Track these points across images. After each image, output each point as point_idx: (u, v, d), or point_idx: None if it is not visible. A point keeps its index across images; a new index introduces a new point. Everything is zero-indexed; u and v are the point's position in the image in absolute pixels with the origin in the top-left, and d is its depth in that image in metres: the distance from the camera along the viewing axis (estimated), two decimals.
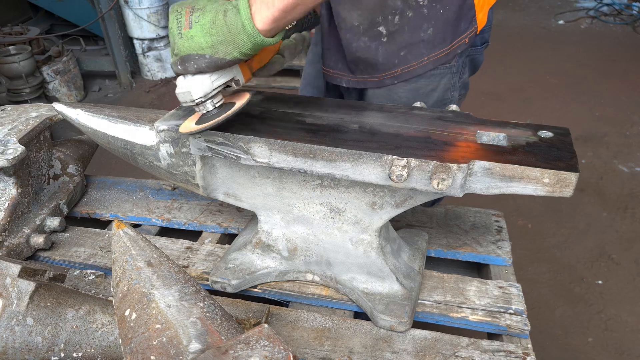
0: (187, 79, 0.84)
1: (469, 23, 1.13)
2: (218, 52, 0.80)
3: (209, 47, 0.80)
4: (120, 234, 0.81)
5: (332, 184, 0.99)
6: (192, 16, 0.80)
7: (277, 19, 0.78)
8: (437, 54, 1.14)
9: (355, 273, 1.06)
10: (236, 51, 0.80)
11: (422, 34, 1.12)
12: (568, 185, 0.82)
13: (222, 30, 0.79)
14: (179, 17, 0.81)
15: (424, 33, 1.12)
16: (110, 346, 0.86)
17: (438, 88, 1.20)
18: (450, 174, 0.82)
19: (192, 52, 0.81)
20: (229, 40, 0.79)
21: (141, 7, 3.99)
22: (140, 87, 4.30)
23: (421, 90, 1.18)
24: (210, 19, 0.79)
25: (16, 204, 1.21)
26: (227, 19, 0.78)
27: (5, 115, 1.32)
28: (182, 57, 0.82)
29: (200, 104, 0.87)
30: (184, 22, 0.81)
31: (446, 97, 1.23)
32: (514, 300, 1.05)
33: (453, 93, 1.24)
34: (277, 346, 0.62)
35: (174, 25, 0.81)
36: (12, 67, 3.47)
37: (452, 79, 1.21)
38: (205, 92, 0.85)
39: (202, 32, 0.79)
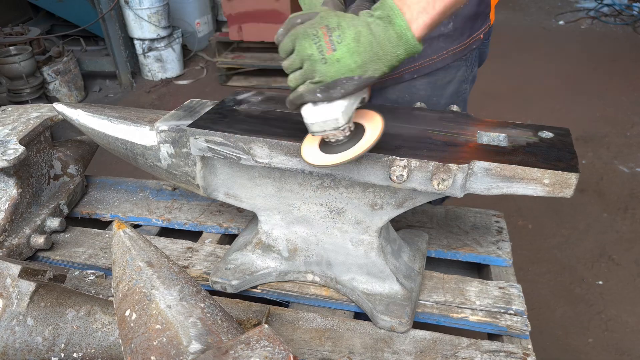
0: (321, 105, 0.76)
1: (484, 19, 1.17)
2: (367, 71, 0.73)
3: (358, 67, 0.73)
4: (120, 234, 0.81)
5: (332, 184, 0.99)
6: (331, 37, 0.72)
7: (435, 22, 0.74)
8: (455, 48, 1.17)
9: (356, 273, 1.06)
10: (386, 66, 0.74)
11: (443, 28, 1.14)
12: (568, 186, 0.82)
13: (372, 46, 0.72)
14: (318, 41, 0.73)
15: (444, 27, 1.14)
16: (111, 346, 0.86)
17: (454, 80, 1.23)
18: (450, 175, 0.82)
19: (340, 76, 0.73)
20: (380, 56, 0.73)
21: (142, 8, 3.99)
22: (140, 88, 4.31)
23: (438, 83, 1.21)
24: (353, 37, 0.72)
25: (16, 204, 1.21)
26: (375, 33, 0.72)
27: (5, 115, 1.32)
28: (328, 84, 0.74)
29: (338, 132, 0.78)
30: (324, 45, 0.72)
31: (461, 90, 1.26)
32: (514, 301, 1.05)
33: (466, 85, 1.26)
34: (278, 346, 0.62)
35: (314, 50, 0.73)
36: (12, 67, 3.48)
37: (466, 72, 1.24)
38: (350, 116, 0.77)
39: (349, 53, 0.72)
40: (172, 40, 4.31)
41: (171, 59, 4.36)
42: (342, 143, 0.80)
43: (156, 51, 4.26)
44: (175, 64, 4.42)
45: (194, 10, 4.65)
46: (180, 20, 4.55)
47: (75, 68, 4.02)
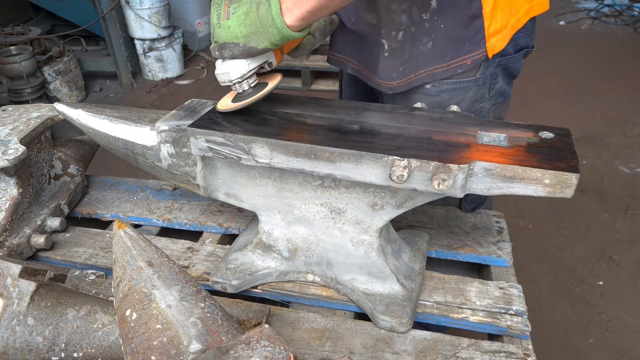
0: (225, 62, 0.94)
1: (474, 45, 1.10)
2: (250, 42, 0.89)
3: (243, 36, 0.89)
4: (121, 234, 0.81)
5: (332, 184, 0.99)
6: (229, 7, 0.89)
7: (305, 18, 0.87)
8: (435, 69, 1.13)
9: (356, 274, 1.06)
10: (267, 41, 0.89)
11: (422, 47, 1.12)
12: (569, 186, 0.82)
13: (255, 22, 0.87)
14: (219, 9, 0.90)
15: (423, 46, 1.12)
16: (111, 346, 0.86)
17: (463, 102, 1.18)
18: (451, 175, 0.82)
19: (228, 40, 0.90)
20: (260, 31, 0.88)
21: (142, 8, 3.99)
22: (141, 88, 4.31)
23: (444, 104, 1.15)
24: (245, 11, 0.88)
25: (17, 204, 1.21)
26: (260, 12, 0.87)
27: (6, 115, 1.32)
28: (220, 45, 0.91)
29: (237, 84, 0.96)
30: (222, 13, 0.90)
31: (474, 110, 1.20)
32: (514, 301, 1.05)
33: (482, 105, 1.20)
34: (278, 346, 0.62)
35: (214, 16, 0.91)
36: (13, 67, 3.48)
37: (479, 91, 1.18)
38: (242, 73, 0.94)
39: (238, 23, 0.88)
40: (172, 40, 4.31)
41: (172, 59, 4.37)
42: (245, 94, 0.98)
43: (157, 51, 4.26)
44: (175, 64, 4.42)
45: (195, 10, 4.65)
46: (181, 20, 4.55)
47: (76, 68, 4.02)
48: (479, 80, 1.16)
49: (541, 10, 1.14)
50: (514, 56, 1.19)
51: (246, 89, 0.97)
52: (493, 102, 1.23)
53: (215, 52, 0.94)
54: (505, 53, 1.16)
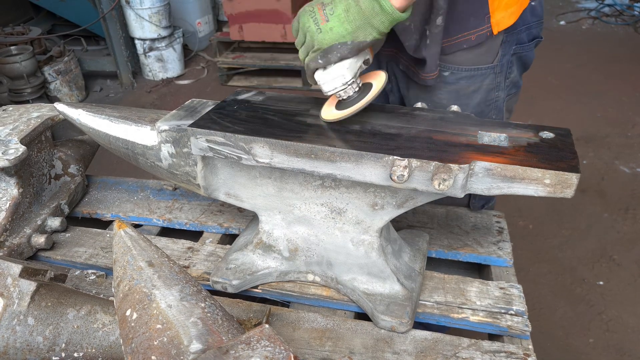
0: (328, 69, 0.90)
1: (479, 20, 1.09)
2: (358, 37, 0.87)
3: (349, 34, 0.86)
4: (121, 234, 0.81)
5: (333, 184, 0.99)
6: (325, 11, 0.87)
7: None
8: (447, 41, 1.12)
9: (356, 274, 1.06)
10: (375, 31, 0.87)
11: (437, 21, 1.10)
12: (569, 186, 0.82)
13: (358, 16, 0.85)
14: (314, 15, 0.88)
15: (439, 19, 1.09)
16: (111, 346, 0.86)
17: (480, 89, 1.17)
18: (451, 175, 0.82)
19: (334, 42, 0.87)
20: (367, 23, 0.86)
21: (142, 8, 4.00)
22: (141, 87, 4.31)
23: (462, 92, 1.16)
24: (344, 8, 0.86)
25: (17, 204, 1.21)
26: (361, 4, 0.85)
27: (6, 115, 1.32)
28: (325, 50, 0.88)
29: (342, 90, 0.92)
30: (319, 17, 0.87)
31: (490, 98, 1.20)
32: (514, 301, 1.05)
33: (497, 93, 1.20)
34: (278, 346, 0.62)
35: (311, 23, 0.88)
36: (13, 67, 3.48)
37: (495, 79, 1.18)
38: (354, 72, 0.91)
39: (340, 22, 0.86)
40: (173, 40, 4.31)
41: (172, 58, 4.37)
42: (353, 99, 0.93)
43: (157, 51, 4.27)
44: (176, 63, 4.42)
45: (195, 10, 4.65)
46: (181, 20, 4.56)
47: (76, 68, 4.02)
48: (497, 67, 1.16)
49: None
50: (528, 45, 1.19)
51: (351, 94, 0.93)
52: (507, 92, 1.22)
53: (318, 60, 0.89)
54: (520, 41, 1.16)
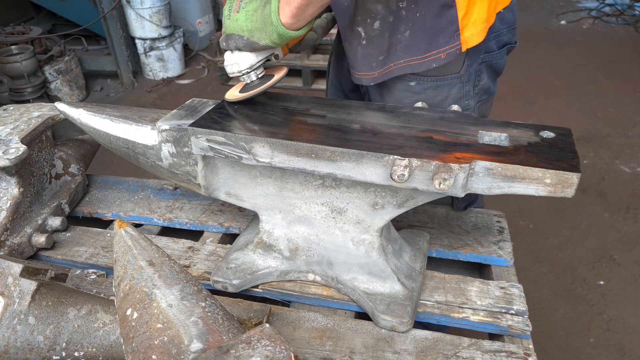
0: (234, 54, 1.00)
1: (448, 37, 1.06)
2: (253, 37, 0.96)
3: (247, 30, 0.95)
4: (121, 233, 0.81)
5: (333, 184, 0.99)
6: (242, 2, 0.96)
7: (296, 15, 0.91)
8: (412, 60, 1.10)
9: (357, 273, 1.06)
10: (267, 39, 0.96)
11: (400, 36, 1.08)
12: (570, 186, 0.82)
13: (259, 19, 0.94)
14: (232, 2, 0.97)
15: (401, 35, 1.08)
16: (112, 345, 0.86)
17: (448, 98, 1.16)
18: (451, 174, 0.82)
19: (234, 32, 0.97)
20: (262, 28, 0.94)
21: (143, 7, 3.99)
22: (142, 87, 4.31)
23: (429, 101, 1.13)
24: (254, 7, 0.95)
25: (18, 204, 1.21)
26: (265, 10, 0.93)
27: (7, 114, 1.32)
28: (227, 35, 0.98)
29: (245, 75, 1.02)
30: (234, 5, 0.97)
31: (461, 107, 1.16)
32: (515, 301, 1.05)
33: (467, 102, 1.19)
34: (279, 346, 0.62)
35: (226, 8, 0.97)
36: (14, 66, 3.48)
37: (463, 88, 1.16)
38: (250, 64, 1.01)
39: (245, 17, 0.95)
40: (173, 40, 4.31)
41: (172, 58, 4.37)
42: (253, 85, 1.03)
43: (157, 50, 4.26)
44: (176, 63, 4.42)
45: (196, 10, 4.65)
46: (182, 20, 4.55)
47: (77, 67, 4.02)
48: (463, 76, 1.15)
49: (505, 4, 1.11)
50: (498, 52, 1.18)
51: (254, 79, 1.03)
52: (477, 99, 1.21)
53: (222, 42, 0.99)
54: (488, 49, 1.15)
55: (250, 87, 1.03)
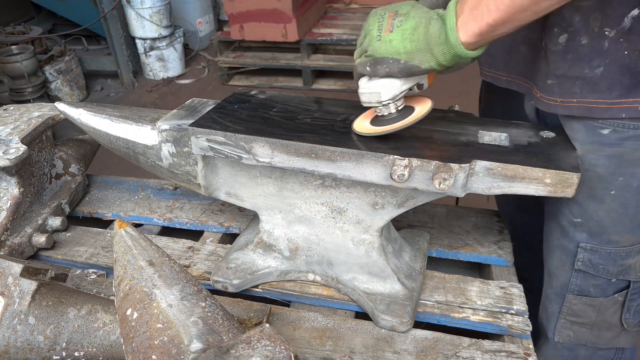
0: (373, 80, 0.85)
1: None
2: (414, 60, 0.80)
3: (406, 53, 0.79)
4: (122, 233, 0.81)
5: (333, 183, 0.99)
6: (394, 20, 0.80)
7: (484, 33, 0.75)
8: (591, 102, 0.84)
9: (357, 273, 1.06)
10: (433, 61, 0.80)
11: (587, 70, 0.82)
12: (570, 186, 0.82)
13: (423, 38, 0.78)
14: (381, 20, 0.81)
15: (589, 70, 0.82)
16: (112, 345, 0.86)
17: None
18: (451, 174, 0.82)
19: (387, 55, 0.81)
20: (427, 49, 0.79)
21: (143, 7, 3.99)
22: (142, 87, 4.31)
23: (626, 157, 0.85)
24: (413, 25, 0.79)
25: (18, 204, 1.21)
26: (431, 27, 0.78)
27: (7, 114, 1.32)
28: (376, 60, 0.82)
29: (383, 106, 0.87)
30: (385, 24, 0.81)
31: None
32: (515, 301, 1.05)
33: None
34: (279, 346, 0.62)
35: (374, 27, 0.82)
36: (14, 66, 3.48)
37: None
38: (394, 95, 0.85)
39: (402, 38, 0.79)
40: (173, 40, 4.31)
41: (173, 58, 4.37)
42: (390, 118, 0.88)
43: (158, 50, 4.27)
44: (176, 63, 4.42)
45: (196, 10, 4.65)
46: (182, 20, 4.55)
47: (77, 67, 4.02)
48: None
49: None
50: None
51: (393, 112, 0.88)
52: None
53: (366, 67, 0.83)
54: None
55: (387, 120, 0.88)
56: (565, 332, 1.02)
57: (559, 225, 0.98)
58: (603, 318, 0.99)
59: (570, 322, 1.01)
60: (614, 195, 0.88)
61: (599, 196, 0.89)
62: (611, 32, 0.79)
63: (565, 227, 0.97)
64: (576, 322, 1.00)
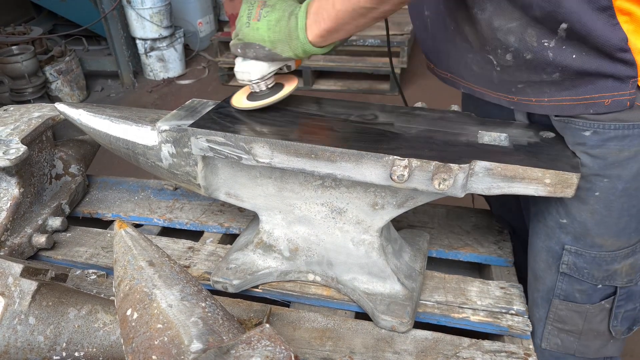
0: (247, 61, 0.95)
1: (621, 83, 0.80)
2: (276, 48, 0.90)
3: (270, 41, 0.90)
4: (122, 233, 0.81)
5: (333, 184, 0.99)
6: (262, 10, 0.89)
7: (324, 35, 0.87)
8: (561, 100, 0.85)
9: (357, 273, 1.06)
10: (291, 52, 0.90)
11: (545, 76, 0.84)
12: (569, 186, 0.82)
13: (284, 30, 0.88)
14: (251, 8, 0.90)
15: (547, 75, 0.84)
16: (112, 346, 0.86)
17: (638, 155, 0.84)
18: (451, 174, 0.82)
19: (254, 41, 0.91)
20: (287, 41, 0.89)
21: (144, 7, 4.00)
22: (142, 87, 4.31)
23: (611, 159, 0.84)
24: (277, 17, 0.88)
25: (18, 204, 1.21)
26: (290, 22, 0.88)
27: (7, 115, 1.32)
28: (245, 44, 0.92)
29: (255, 83, 0.98)
30: (254, 13, 0.90)
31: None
32: (515, 301, 1.05)
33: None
34: (279, 346, 0.62)
35: (244, 14, 0.91)
36: (15, 66, 3.48)
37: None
38: (263, 74, 0.96)
39: (267, 27, 0.89)
40: (174, 40, 4.31)
41: (173, 58, 4.37)
42: (262, 94, 0.99)
43: (158, 51, 4.27)
44: (177, 63, 4.42)
45: (196, 10, 4.65)
46: (182, 20, 4.56)
47: (77, 68, 4.02)
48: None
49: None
50: None
51: (263, 89, 0.99)
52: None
53: (237, 49, 0.94)
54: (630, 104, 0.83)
55: (258, 96, 1.00)
56: (552, 339, 1.01)
57: (546, 226, 0.96)
58: (590, 327, 0.98)
59: (558, 329, 0.99)
60: (597, 197, 0.87)
61: (583, 197, 0.88)
62: (551, 43, 0.80)
63: (552, 228, 0.95)
64: (563, 330, 0.99)
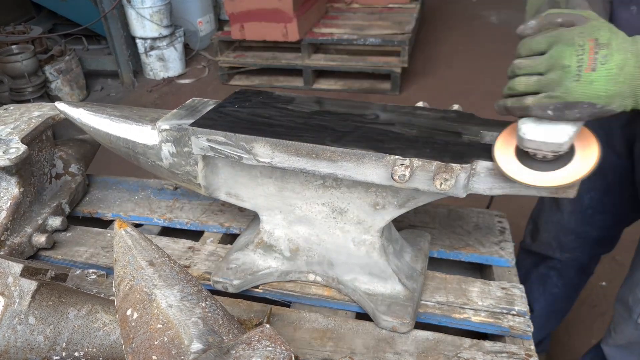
0: (545, 125, 0.71)
1: None
2: (612, 104, 0.67)
3: (607, 96, 0.66)
4: (122, 233, 0.81)
5: (334, 184, 0.99)
6: (597, 54, 0.66)
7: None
8: None
9: (358, 274, 1.05)
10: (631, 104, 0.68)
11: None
12: (572, 186, 0.81)
13: (630, 77, 0.66)
14: (581, 54, 0.66)
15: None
16: (112, 345, 0.86)
17: None
18: (453, 175, 0.81)
19: (584, 99, 0.67)
20: (632, 90, 0.66)
21: (144, 7, 3.99)
22: (142, 87, 4.31)
23: None
24: (619, 64, 0.65)
25: (18, 203, 1.21)
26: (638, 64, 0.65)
27: (7, 114, 1.32)
28: (566, 104, 0.68)
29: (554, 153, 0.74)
30: (586, 60, 0.66)
31: None
32: (516, 302, 1.05)
33: None
34: (279, 346, 0.61)
35: (573, 63, 0.67)
36: (14, 66, 3.48)
37: None
38: (571, 140, 0.72)
39: (606, 79, 0.66)
40: (174, 39, 4.31)
41: (173, 58, 4.37)
42: (547, 161, 0.75)
43: (158, 50, 4.26)
44: (177, 63, 4.42)
45: (196, 9, 4.65)
46: (182, 19, 4.55)
47: (77, 67, 4.02)
48: None
49: None
50: None
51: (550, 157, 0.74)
52: None
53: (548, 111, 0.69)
54: None
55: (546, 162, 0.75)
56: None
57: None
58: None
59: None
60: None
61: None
62: None
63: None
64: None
